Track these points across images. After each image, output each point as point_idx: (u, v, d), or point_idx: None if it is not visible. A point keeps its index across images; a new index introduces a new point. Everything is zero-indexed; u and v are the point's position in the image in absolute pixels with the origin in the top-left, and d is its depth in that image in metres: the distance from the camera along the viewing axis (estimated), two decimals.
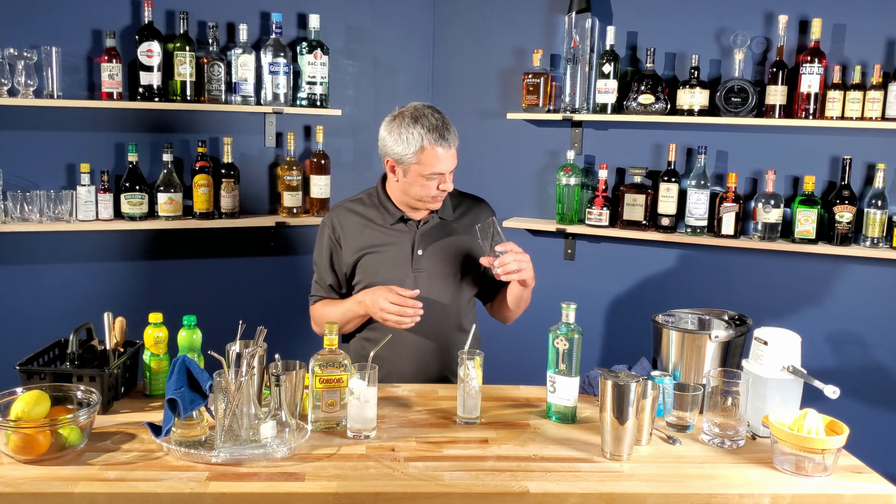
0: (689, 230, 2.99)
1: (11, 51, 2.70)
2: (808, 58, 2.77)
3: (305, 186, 3.13)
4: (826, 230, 2.85)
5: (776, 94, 2.83)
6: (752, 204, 2.93)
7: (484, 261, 2.07)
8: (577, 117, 3.08)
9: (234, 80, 2.99)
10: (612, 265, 3.22)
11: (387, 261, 2.17)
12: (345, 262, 2.21)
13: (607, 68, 3.02)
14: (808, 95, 2.79)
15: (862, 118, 2.75)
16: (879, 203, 2.76)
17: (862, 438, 1.84)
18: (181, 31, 2.91)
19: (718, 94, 2.89)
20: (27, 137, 2.86)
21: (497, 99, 3.30)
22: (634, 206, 3.05)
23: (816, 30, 2.77)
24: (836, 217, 2.80)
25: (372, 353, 1.79)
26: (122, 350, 1.97)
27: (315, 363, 1.74)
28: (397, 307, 2.03)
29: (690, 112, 2.93)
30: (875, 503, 1.55)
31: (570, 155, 3.14)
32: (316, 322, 2.28)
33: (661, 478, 1.57)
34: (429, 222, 2.20)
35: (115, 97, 2.84)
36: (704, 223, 2.97)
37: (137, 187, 2.91)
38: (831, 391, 1.64)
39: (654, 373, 1.94)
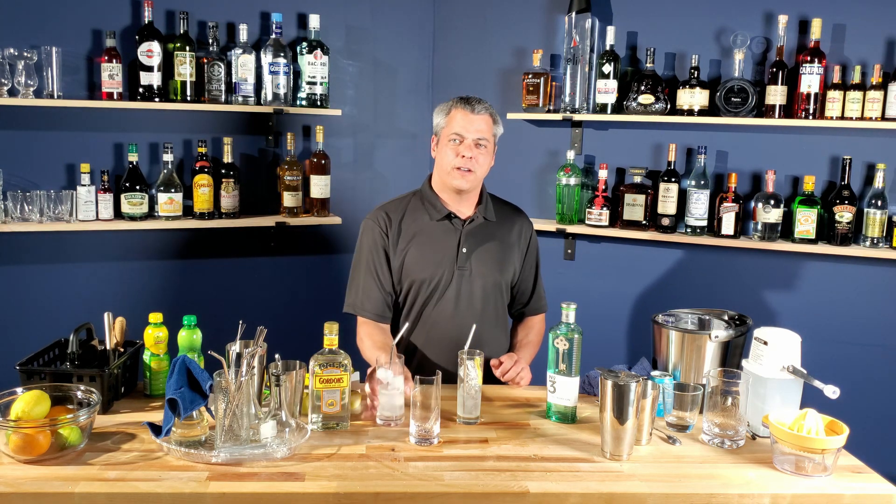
0: (689, 230, 2.99)
1: (11, 51, 2.70)
2: (808, 58, 2.77)
3: (305, 186, 3.13)
4: (826, 230, 2.85)
5: (776, 94, 2.83)
6: (752, 204, 2.93)
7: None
8: (577, 117, 3.08)
9: (234, 80, 2.99)
10: (612, 265, 3.21)
11: (433, 255, 2.18)
12: (394, 252, 2.18)
13: (607, 68, 3.02)
14: (808, 95, 2.79)
15: (862, 118, 2.75)
16: (879, 203, 2.76)
17: (862, 438, 1.85)
18: (181, 31, 2.91)
19: (718, 94, 2.89)
20: (27, 137, 2.86)
21: (497, 99, 3.29)
22: (634, 206, 3.05)
23: (816, 30, 2.77)
24: (836, 217, 2.80)
25: (394, 342, 1.89)
26: (122, 350, 1.97)
27: (315, 363, 1.74)
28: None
29: (690, 112, 2.93)
30: (875, 503, 1.55)
31: (570, 155, 3.14)
32: (364, 346, 2.18)
33: (661, 478, 1.57)
34: (474, 221, 2.22)
35: (115, 97, 2.84)
36: (704, 223, 2.97)
37: (137, 187, 2.91)
38: (831, 391, 1.64)
39: (654, 373, 1.94)
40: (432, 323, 2.18)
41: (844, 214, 2.79)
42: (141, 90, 2.88)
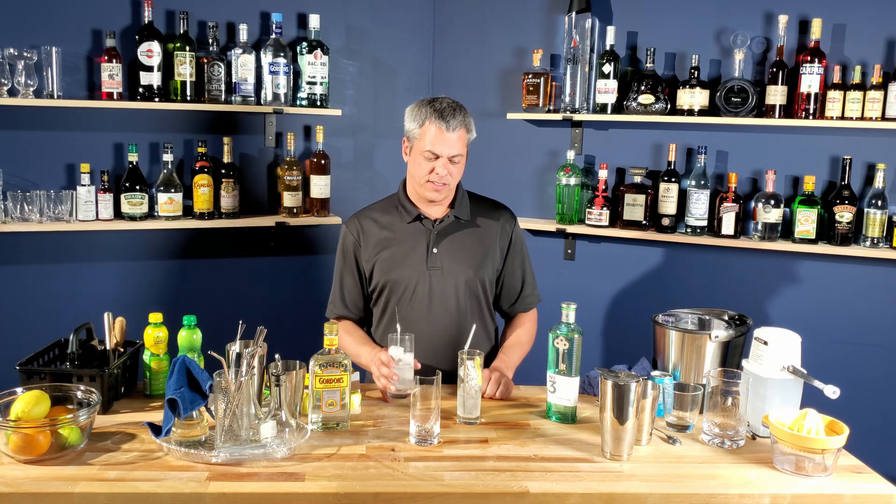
0: (689, 230, 2.99)
1: (11, 51, 2.70)
2: (808, 58, 2.77)
3: (305, 186, 3.13)
4: (826, 230, 2.85)
5: (776, 94, 2.83)
6: (752, 204, 2.93)
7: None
8: (577, 117, 3.08)
9: (234, 80, 2.99)
10: (612, 265, 3.21)
11: (403, 258, 2.18)
12: (364, 260, 2.23)
13: (607, 68, 3.01)
14: (808, 95, 2.79)
15: (862, 118, 2.75)
16: (879, 203, 2.76)
17: (862, 438, 1.84)
18: (181, 31, 2.91)
19: (718, 94, 2.89)
20: (27, 137, 2.86)
21: (497, 99, 3.30)
22: (634, 206, 3.05)
23: (816, 30, 2.77)
24: (836, 217, 2.80)
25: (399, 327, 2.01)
26: (122, 350, 1.97)
27: (315, 363, 1.74)
28: (381, 369, 1.98)
29: (690, 112, 2.93)
30: (875, 503, 1.55)
31: (570, 155, 3.14)
32: (342, 342, 2.21)
33: (661, 478, 1.57)
34: (444, 221, 2.21)
35: (115, 97, 2.84)
36: (704, 223, 2.97)
37: (137, 187, 2.90)
38: (831, 391, 1.64)
39: (654, 373, 1.94)
40: (406, 323, 2.13)
41: (844, 214, 2.79)
42: (141, 90, 2.88)
